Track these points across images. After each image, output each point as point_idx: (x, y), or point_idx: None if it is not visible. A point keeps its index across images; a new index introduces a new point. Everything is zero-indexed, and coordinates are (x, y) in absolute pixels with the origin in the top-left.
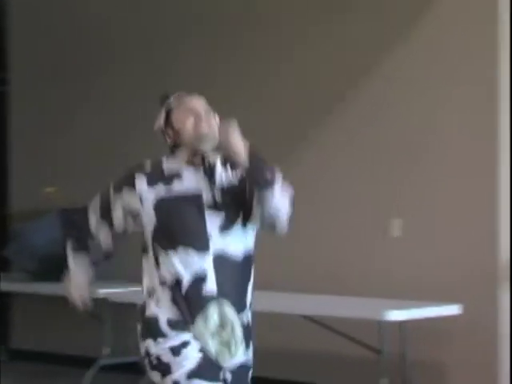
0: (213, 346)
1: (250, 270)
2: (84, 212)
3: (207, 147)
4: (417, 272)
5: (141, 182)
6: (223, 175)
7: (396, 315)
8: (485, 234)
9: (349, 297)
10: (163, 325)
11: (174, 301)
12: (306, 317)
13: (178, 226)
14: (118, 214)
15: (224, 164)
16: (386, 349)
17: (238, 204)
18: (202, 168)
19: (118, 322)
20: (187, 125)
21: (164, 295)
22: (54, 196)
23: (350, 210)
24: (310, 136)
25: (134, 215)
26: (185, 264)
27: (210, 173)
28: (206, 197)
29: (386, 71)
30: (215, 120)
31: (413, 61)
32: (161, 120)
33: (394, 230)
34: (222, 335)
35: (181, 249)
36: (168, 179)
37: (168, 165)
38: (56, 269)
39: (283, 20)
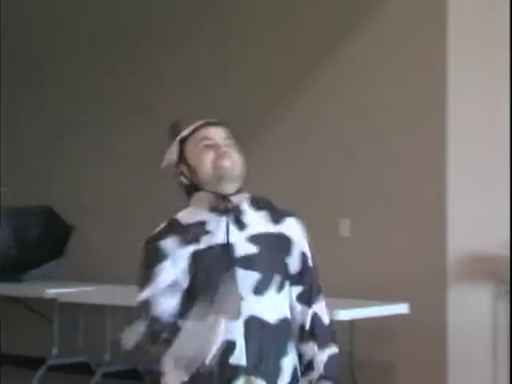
0: None
1: (287, 337)
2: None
3: (231, 188)
4: (365, 271)
5: (166, 251)
6: (256, 223)
7: (345, 314)
8: (432, 234)
9: None
10: None
11: (196, 375)
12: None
13: (204, 287)
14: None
15: (256, 208)
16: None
17: (276, 260)
18: (228, 215)
19: (66, 322)
20: (205, 161)
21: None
22: (3, 196)
23: (298, 210)
24: (257, 137)
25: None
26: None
27: (238, 220)
28: (237, 250)
29: (331, 74)
30: (239, 153)
31: (358, 63)
32: (173, 155)
33: (342, 230)
34: None
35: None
36: (193, 236)
37: (187, 219)
38: (4, 269)
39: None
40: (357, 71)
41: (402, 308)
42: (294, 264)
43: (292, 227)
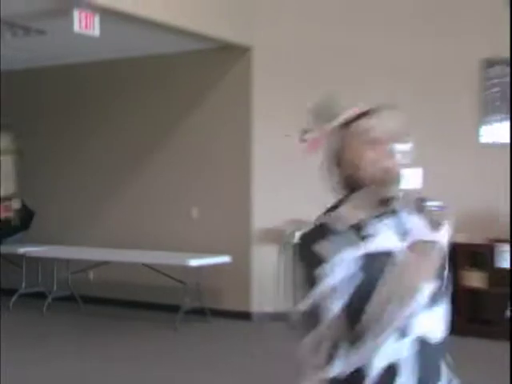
0: None
1: (444, 357)
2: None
3: (393, 191)
4: (207, 238)
5: (326, 252)
6: (417, 228)
7: (194, 262)
8: (245, 216)
9: (169, 252)
10: None
11: None
12: (144, 264)
13: (368, 296)
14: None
15: (415, 211)
16: (189, 281)
17: (439, 269)
18: (390, 218)
19: (30, 268)
20: (367, 159)
21: None
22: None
23: (170, 202)
24: (147, 160)
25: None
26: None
27: (400, 226)
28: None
29: (183, 129)
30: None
31: (201, 128)
32: (332, 143)
33: (193, 214)
34: None
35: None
36: (355, 239)
37: (349, 219)
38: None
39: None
40: (200, 131)
41: (226, 258)
42: (446, 271)
43: (446, 235)
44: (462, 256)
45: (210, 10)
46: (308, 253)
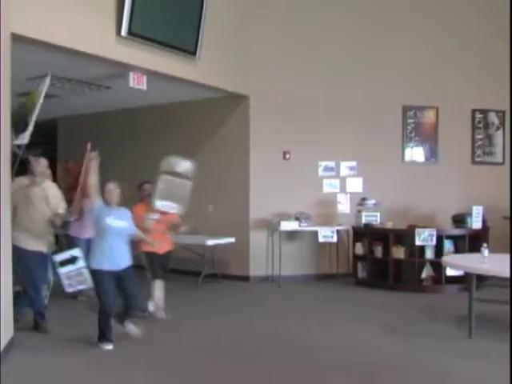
0: None
1: None
2: None
3: None
4: (219, 224)
5: None
6: None
7: (210, 242)
8: (245, 209)
9: (194, 235)
10: None
11: None
12: (177, 243)
13: None
14: None
15: None
16: (206, 255)
17: None
18: None
19: None
20: None
21: None
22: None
23: (194, 201)
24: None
25: None
26: None
27: None
28: None
29: (203, 152)
30: None
31: (215, 151)
32: None
33: (209, 209)
34: None
35: None
36: None
37: None
38: None
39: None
40: (218, 152)
41: (232, 239)
42: None
43: None
44: (391, 237)
45: (221, 69)
46: None
